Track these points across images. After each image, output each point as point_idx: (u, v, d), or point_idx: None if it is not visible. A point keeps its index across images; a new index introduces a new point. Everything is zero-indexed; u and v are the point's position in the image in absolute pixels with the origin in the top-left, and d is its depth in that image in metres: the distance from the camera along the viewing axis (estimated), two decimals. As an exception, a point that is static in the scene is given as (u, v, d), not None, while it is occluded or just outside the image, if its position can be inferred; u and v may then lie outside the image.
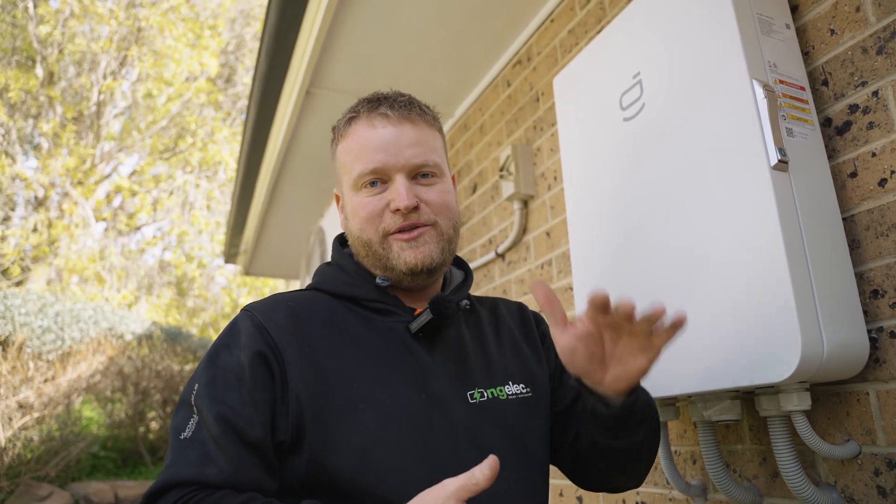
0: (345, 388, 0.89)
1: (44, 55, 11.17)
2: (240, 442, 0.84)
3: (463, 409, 0.94)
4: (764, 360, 1.03)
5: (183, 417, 0.88)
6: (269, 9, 2.33)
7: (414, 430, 0.88)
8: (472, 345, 1.03)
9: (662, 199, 1.28)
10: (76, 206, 11.43)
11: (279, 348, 0.90)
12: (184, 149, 12.67)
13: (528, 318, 1.18)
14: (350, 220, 1.02)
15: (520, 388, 1.02)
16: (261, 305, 0.96)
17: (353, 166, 0.99)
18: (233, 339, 0.92)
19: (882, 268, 1.08)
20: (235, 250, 5.21)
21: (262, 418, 0.86)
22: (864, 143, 1.13)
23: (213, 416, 0.85)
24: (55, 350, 6.67)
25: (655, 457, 1.06)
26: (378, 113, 1.00)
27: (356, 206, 0.99)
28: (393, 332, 0.97)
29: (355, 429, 0.86)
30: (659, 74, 1.31)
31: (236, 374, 0.88)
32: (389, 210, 0.97)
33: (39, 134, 11.33)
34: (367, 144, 0.98)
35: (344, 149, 1.03)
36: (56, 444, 5.51)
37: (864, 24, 1.14)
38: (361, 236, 0.99)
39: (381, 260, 0.98)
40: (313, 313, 0.97)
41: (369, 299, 0.99)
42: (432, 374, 0.94)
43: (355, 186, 0.99)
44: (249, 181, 3.82)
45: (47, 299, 7.28)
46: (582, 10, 2.00)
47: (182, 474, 0.81)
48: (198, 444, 0.84)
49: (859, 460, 1.09)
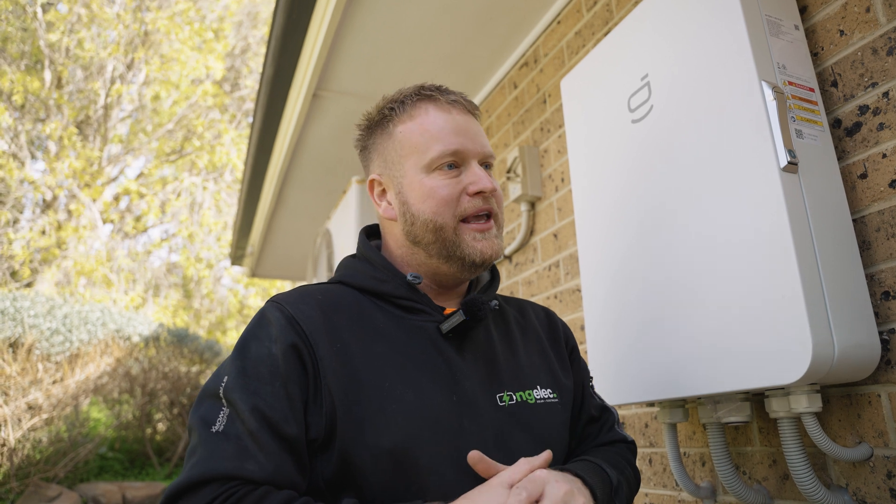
0: (377, 387, 0.86)
1: (52, 59, 11.24)
2: (277, 438, 0.81)
3: (492, 411, 0.92)
4: (774, 361, 1.03)
5: (210, 409, 0.83)
6: (277, 12, 2.34)
7: (445, 433, 0.86)
8: (500, 346, 1.02)
9: (671, 200, 1.27)
10: (84, 208, 11.49)
11: (312, 342, 0.87)
12: (190, 151, 12.72)
13: (556, 326, 1.16)
14: (418, 203, 0.96)
15: (547, 393, 1.01)
16: (289, 297, 0.93)
17: (430, 146, 0.96)
18: (263, 331, 0.89)
19: (893, 269, 1.08)
20: (242, 252, 5.22)
21: (296, 414, 0.83)
22: (874, 145, 1.12)
23: (248, 409, 0.81)
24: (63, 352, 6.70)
25: None
26: (450, 99, 1.00)
27: (432, 187, 0.95)
28: (422, 332, 0.95)
29: (388, 429, 0.84)
30: (667, 76, 1.31)
31: (269, 367, 0.84)
32: (467, 194, 0.96)
33: (47, 137, 11.40)
34: (444, 125, 0.97)
35: (412, 129, 0.98)
36: (64, 445, 5.54)
37: (875, 24, 1.13)
38: (435, 220, 0.95)
39: (449, 247, 0.96)
40: (342, 307, 0.94)
41: (399, 296, 0.97)
42: (463, 376, 0.93)
43: (429, 167, 0.96)
44: (256, 183, 3.83)
45: (56, 301, 7.32)
46: (589, 12, 2.00)
47: (220, 468, 0.77)
48: (233, 437, 0.80)
49: (871, 463, 1.08)
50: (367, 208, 2.99)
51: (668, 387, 1.24)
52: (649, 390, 1.30)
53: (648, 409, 1.65)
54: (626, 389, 1.37)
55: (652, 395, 1.29)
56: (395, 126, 1.00)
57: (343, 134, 3.11)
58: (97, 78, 11.73)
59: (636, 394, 1.34)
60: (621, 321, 1.39)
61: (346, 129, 3.06)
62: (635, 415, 1.70)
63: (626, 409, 1.73)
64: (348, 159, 3.40)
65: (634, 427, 1.70)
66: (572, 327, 1.98)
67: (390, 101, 1.03)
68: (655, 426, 1.62)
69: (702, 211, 1.20)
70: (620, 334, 1.39)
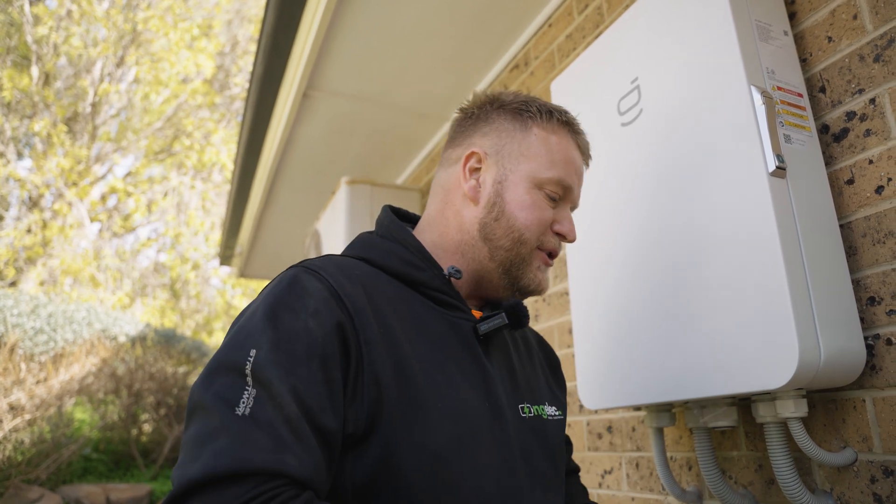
0: (426, 382, 0.78)
1: (39, 55, 11.13)
2: (315, 429, 0.69)
3: (517, 422, 0.89)
4: (761, 366, 1.03)
5: (231, 387, 0.68)
6: (267, 10, 2.33)
7: (483, 439, 0.81)
8: (516, 357, 1.00)
9: (659, 203, 1.27)
10: (71, 206, 11.38)
11: (357, 322, 0.76)
12: (179, 150, 12.64)
13: (550, 350, 1.17)
14: (514, 206, 0.92)
15: (554, 411, 1.00)
16: (326, 266, 0.82)
17: (553, 167, 0.94)
18: (298, 301, 0.75)
19: (879, 275, 1.08)
20: (230, 252, 5.19)
21: (336, 404, 0.72)
22: (861, 151, 1.13)
23: (287, 392, 0.68)
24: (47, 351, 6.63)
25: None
26: (585, 141, 1.01)
27: (532, 200, 0.93)
28: (459, 329, 0.88)
29: (432, 429, 0.76)
30: (657, 80, 1.31)
31: (306, 344, 0.71)
32: (553, 230, 0.96)
33: (33, 134, 11.28)
34: (573, 161, 0.97)
35: (548, 140, 0.96)
36: (47, 446, 5.47)
37: (862, 31, 1.14)
38: (522, 232, 0.92)
39: (517, 263, 0.93)
40: (381, 288, 0.84)
41: (435, 288, 0.89)
42: (494, 382, 0.88)
43: (539, 183, 0.93)
44: (245, 183, 3.81)
45: (40, 300, 7.24)
46: (580, 16, 2.00)
47: (257, 461, 0.63)
48: (265, 424, 0.65)
49: (855, 467, 1.09)
50: (357, 209, 2.98)
51: (655, 391, 1.24)
52: (636, 394, 1.30)
53: (635, 414, 1.65)
54: (613, 393, 1.37)
55: (639, 400, 1.29)
56: (534, 125, 0.96)
57: (333, 134, 3.10)
58: (85, 75, 11.63)
59: (623, 398, 1.34)
60: (609, 325, 1.39)
61: (336, 129, 3.05)
62: (622, 418, 1.70)
63: (613, 413, 1.73)
64: (338, 160, 3.39)
65: (621, 431, 1.70)
66: (560, 331, 1.98)
67: (535, 100, 0.99)
68: (642, 430, 1.62)
69: (690, 214, 1.20)
70: (608, 338, 1.39)
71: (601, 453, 1.77)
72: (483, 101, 1.00)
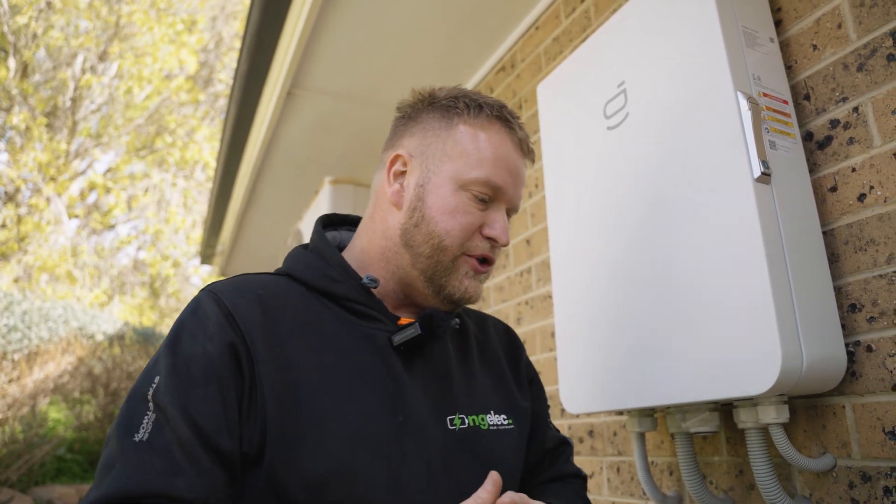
0: (316, 402, 0.78)
1: (17, 47, 10.93)
2: (210, 451, 0.71)
3: (441, 435, 0.85)
4: (743, 372, 1.03)
5: (134, 414, 0.72)
6: (252, 6, 2.30)
7: (385, 459, 0.79)
8: (456, 364, 0.94)
9: (644, 208, 1.27)
10: (48, 202, 11.19)
11: (249, 342, 0.77)
12: (161, 147, 12.49)
13: (517, 347, 1.10)
14: (435, 211, 0.88)
15: (501, 420, 0.94)
16: (227, 288, 0.83)
17: (480, 165, 0.88)
18: (198, 325, 0.78)
19: (860, 282, 1.09)
20: (212, 251, 5.13)
21: (232, 424, 0.74)
22: (844, 158, 1.13)
23: (180, 415, 0.71)
24: (21, 349, 6.50)
25: None
26: (519, 136, 0.92)
27: (455, 204, 0.87)
28: (372, 341, 0.86)
29: (321, 451, 0.75)
30: (644, 84, 1.31)
31: (203, 368, 0.74)
32: (482, 233, 0.89)
33: (10, 128, 11.08)
34: (504, 159, 0.89)
35: (474, 136, 0.89)
36: (19, 446, 5.36)
37: (846, 40, 1.15)
38: (443, 238, 0.87)
39: (439, 272, 0.88)
40: (286, 305, 0.84)
41: (351, 299, 0.87)
42: (410, 395, 0.84)
43: (464, 185, 0.87)
44: (228, 181, 3.77)
45: (14, 297, 7.11)
46: (567, 19, 2.00)
47: (146, 485, 0.67)
48: (160, 449, 0.70)
49: (834, 473, 1.09)
50: (340, 209, 2.95)
51: (637, 396, 1.24)
52: (618, 399, 1.29)
53: (617, 418, 1.65)
54: (595, 397, 1.36)
55: (621, 404, 1.29)
56: (460, 122, 0.90)
57: (317, 133, 3.08)
58: (66, 68, 11.45)
59: (605, 402, 1.33)
60: (592, 329, 1.39)
61: (321, 128, 3.03)
62: (604, 423, 1.70)
63: (594, 417, 1.73)
64: (321, 159, 3.36)
65: (603, 435, 1.70)
66: (543, 334, 1.98)
67: (466, 95, 0.93)
68: (624, 435, 1.62)
69: (674, 219, 1.20)
70: (591, 342, 1.39)
71: (582, 457, 1.77)
72: (416, 99, 0.96)
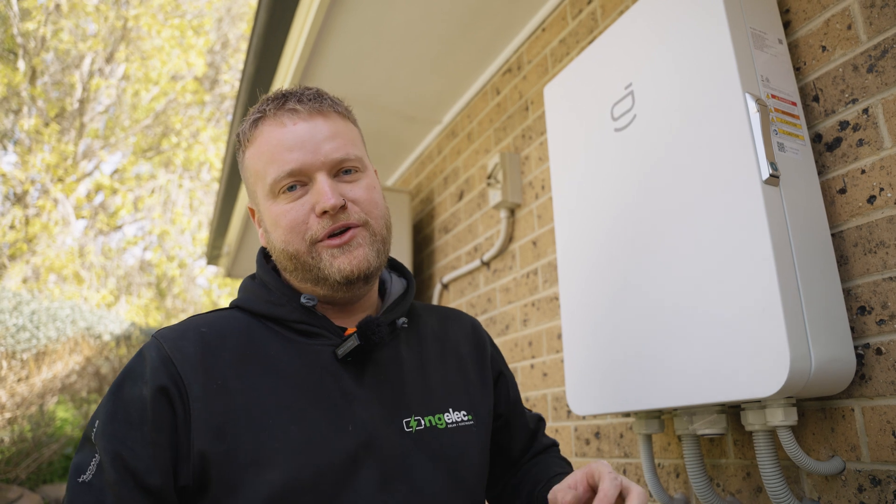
0: (257, 428, 0.80)
1: (27, 50, 11.01)
2: (138, 489, 0.76)
3: (396, 440, 0.87)
4: (752, 374, 1.03)
5: (85, 456, 0.79)
6: (259, 9, 2.31)
7: (335, 474, 0.80)
8: (410, 366, 0.95)
9: (652, 210, 1.27)
10: (56, 203, 11.25)
11: (185, 382, 0.80)
12: (168, 148, 12.54)
13: (481, 340, 1.10)
14: (271, 233, 0.91)
15: (461, 416, 0.95)
16: (170, 333, 0.86)
17: (267, 171, 0.89)
18: (138, 371, 0.82)
19: (869, 284, 1.09)
20: (218, 252, 5.14)
21: (162, 463, 0.77)
22: (853, 160, 1.13)
23: (109, 459, 0.76)
24: (30, 349, 6.54)
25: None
26: (286, 109, 0.90)
27: (276, 215, 0.89)
28: (318, 357, 0.88)
29: (266, 477, 0.77)
30: (651, 86, 1.31)
31: (138, 411, 0.79)
32: (315, 214, 0.87)
33: (20, 130, 11.15)
34: (279, 145, 0.88)
35: (253, 154, 0.91)
36: (28, 445, 5.39)
37: (856, 41, 1.14)
38: (287, 248, 0.88)
39: (312, 272, 0.89)
40: (228, 339, 0.87)
41: (294, 320, 0.90)
42: (360, 404, 0.86)
43: (272, 194, 0.89)
44: (234, 183, 3.78)
45: (23, 297, 7.15)
46: (574, 20, 2.00)
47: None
48: (97, 490, 0.75)
49: (843, 476, 1.09)
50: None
51: (644, 398, 1.24)
52: (625, 401, 1.29)
53: (624, 420, 1.65)
54: (602, 399, 1.36)
55: (628, 406, 1.29)
56: (244, 153, 0.94)
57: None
58: (74, 71, 11.52)
59: (612, 404, 1.33)
60: (599, 331, 1.39)
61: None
62: (610, 425, 1.70)
63: (601, 419, 1.73)
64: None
65: (609, 437, 1.69)
66: (549, 336, 1.98)
67: (245, 121, 0.95)
68: (630, 437, 1.62)
69: (682, 221, 1.19)
70: (597, 344, 1.39)
71: (588, 459, 1.76)
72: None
